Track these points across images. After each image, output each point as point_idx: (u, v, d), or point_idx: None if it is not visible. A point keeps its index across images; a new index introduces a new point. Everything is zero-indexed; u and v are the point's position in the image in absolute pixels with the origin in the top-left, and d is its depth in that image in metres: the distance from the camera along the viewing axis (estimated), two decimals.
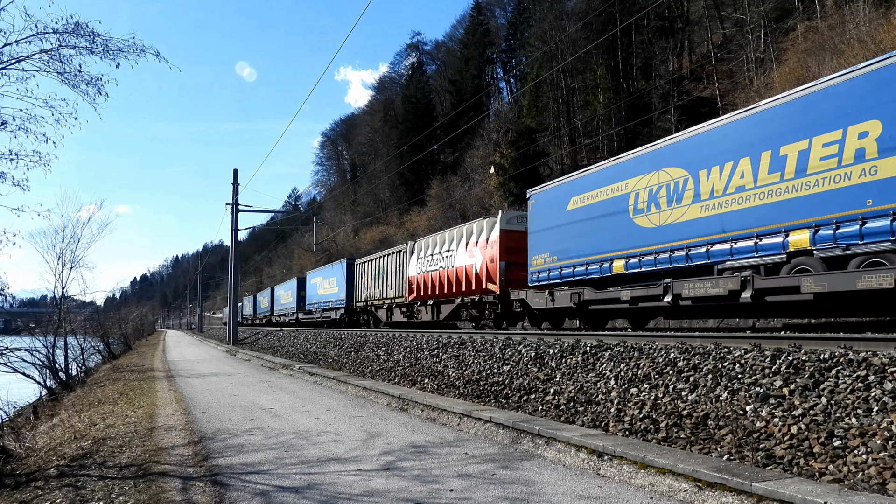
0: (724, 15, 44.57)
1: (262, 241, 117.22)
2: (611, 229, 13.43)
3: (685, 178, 11.64)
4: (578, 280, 14.35)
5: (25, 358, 21.84)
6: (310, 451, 7.26)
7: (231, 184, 35.99)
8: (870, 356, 5.82)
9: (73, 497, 6.15)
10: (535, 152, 45.66)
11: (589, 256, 14.01)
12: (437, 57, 77.73)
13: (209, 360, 25.14)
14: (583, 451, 6.36)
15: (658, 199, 12.25)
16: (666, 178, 12.17)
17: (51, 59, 8.68)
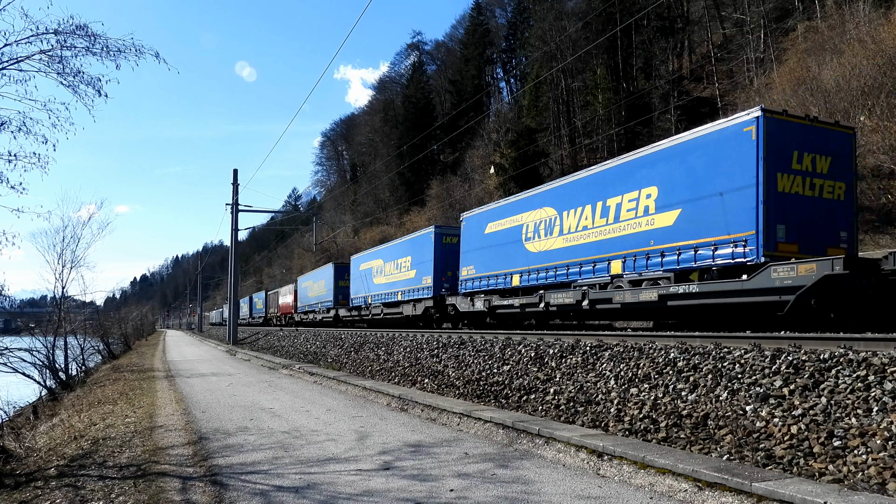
0: (724, 15, 44.58)
1: (262, 241, 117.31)
2: (511, 251, 17.27)
3: (555, 216, 15.52)
4: (490, 290, 18.02)
5: (25, 358, 21.84)
6: (309, 450, 7.25)
7: (231, 184, 36.00)
8: (870, 356, 5.82)
9: (72, 497, 6.15)
10: (535, 152, 45.65)
11: (498, 271, 17.80)
12: (437, 57, 77.77)
13: (209, 360, 25.14)
14: (582, 450, 6.36)
15: (539, 230, 16.08)
16: (544, 215, 16.05)
17: (50, 59, 8.66)
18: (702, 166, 11.21)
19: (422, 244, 22.70)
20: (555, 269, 15.19)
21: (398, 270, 24.73)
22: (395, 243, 26.78)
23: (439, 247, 21.65)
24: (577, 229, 14.43)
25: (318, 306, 37.28)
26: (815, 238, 10.51)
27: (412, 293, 22.94)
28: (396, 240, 27.83)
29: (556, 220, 15.31)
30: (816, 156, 10.66)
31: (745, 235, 10.26)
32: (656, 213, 12.02)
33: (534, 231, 16.15)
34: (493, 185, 47.62)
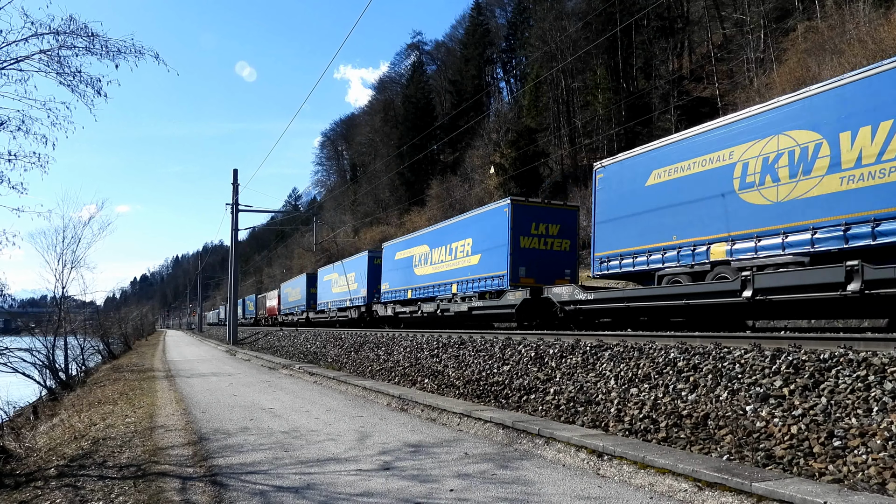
0: (724, 15, 44.58)
1: (262, 241, 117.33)
2: (408, 274, 23.23)
3: (428, 251, 21.90)
4: (396, 300, 24.40)
5: (25, 358, 21.84)
6: (309, 450, 7.25)
7: (231, 184, 36.01)
8: (870, 356, 5.82)
9: (72, 497, 6.15)
10: (535, 152, 45.67)
11: (400, 287, 24.00)
12: (437, 57, 77.79)
13: (209, 360, 25.14)
14: (582, 451, 6.35)
15: (421, 260, 22.38)
16: (424, 250, 22.43)
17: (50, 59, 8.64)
18: (489, 228, 17.90)
19: (360, 264, 29.90)
20: (427, 288, 21.65)
21: (346, 283, 32.08)
22: (344, 262, 33.96)
23: (371, 267, 28.58)
24: (438, 262, 21.10)
25: (295, 309, 44.10)
26: (546, 274, 16.83)
27: (354, 301, 30.64)
28: (346, 259, 34.49)
29: (429, 254, 21.90)
30: (549, 225, 17.26)
31: (503, 273, 17.03)
32: (471, 255, 18.83)
33: (419, 260, 22.74)
34: (493, 185, 47.63)
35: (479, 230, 18.56)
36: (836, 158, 9.38)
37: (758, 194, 10.49)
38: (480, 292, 18.12)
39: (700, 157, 11.67)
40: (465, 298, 18.88)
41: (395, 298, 24.60)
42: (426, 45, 79.33)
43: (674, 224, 12.09)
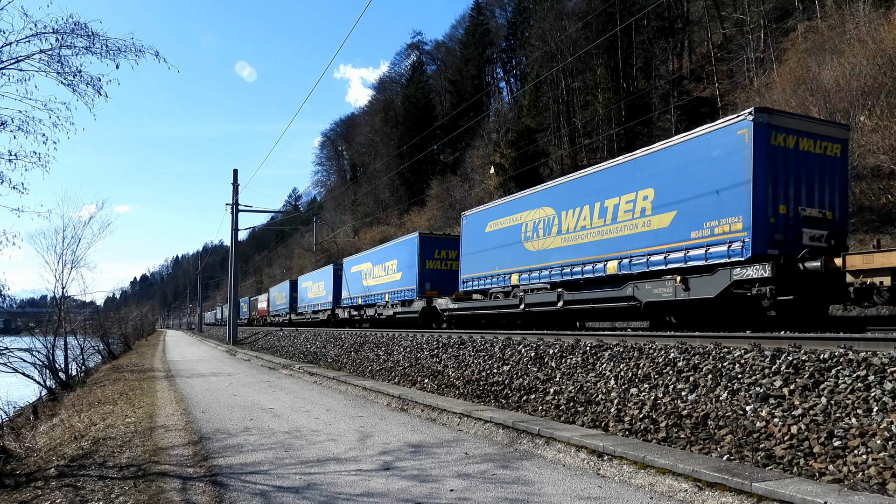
0: (724, 15, 44.57)
1: (262, 241, 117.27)
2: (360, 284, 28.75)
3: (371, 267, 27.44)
4: (351, 305, 30.11)
5: (25, 358, 21.83)
6: (309, 450, 7.25)
7: (231, 184, 36.01)
8: (870, 356, 5.82)
9: (72, 497, 6.15)
10: (535, 152, 45.65)
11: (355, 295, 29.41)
12: (437, 57, 77.76)
13: (209, 360, 25.14)
14: (583, 451, 6.36)
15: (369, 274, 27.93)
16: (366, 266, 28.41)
17: (50, 59, 8.66)
18: (406, 254, 23.20)
19: (328, 274, 35.18)
20: (371, 296, 27.13)
21: (318, 290, 37.82)
22: (315, 272, 40.65)
23: (336, 277, 33.23)
24: (377, 276, 26.37)
25: (281, 311, 48.79)
26: (445, 288, 21.12)
27: (323, 305, 35.84)
28: (317, 270, 41.33)
29: (372, 270, 27.29)
30: (449, 251, 21.92)
31: (414, 287, 22.07)
32: (396, 273, 24.03)
33: (366, 274, 27.95)
34: (493, 185, 47.61)
35: (400, 254, 23.91)
36: (559, 226, 14.78)
37: (531, 244, 15.91)
38: (402, 301, 23.37)
39: (509, 216, 17.10)
40: (393, 305, 24.19)
41: (351, 304, 30.32)
42: (426, 45, 79.35)
43: (496, 259, 17.44)
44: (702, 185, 10.83)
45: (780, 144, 10.16)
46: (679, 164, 11.43)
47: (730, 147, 10.34)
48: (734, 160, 10.26)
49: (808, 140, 10.50)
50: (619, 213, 12.78)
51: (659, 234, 11.67)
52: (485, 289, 17.87)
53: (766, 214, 9.94)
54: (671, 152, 11.68)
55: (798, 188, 10.35)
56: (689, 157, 11.22)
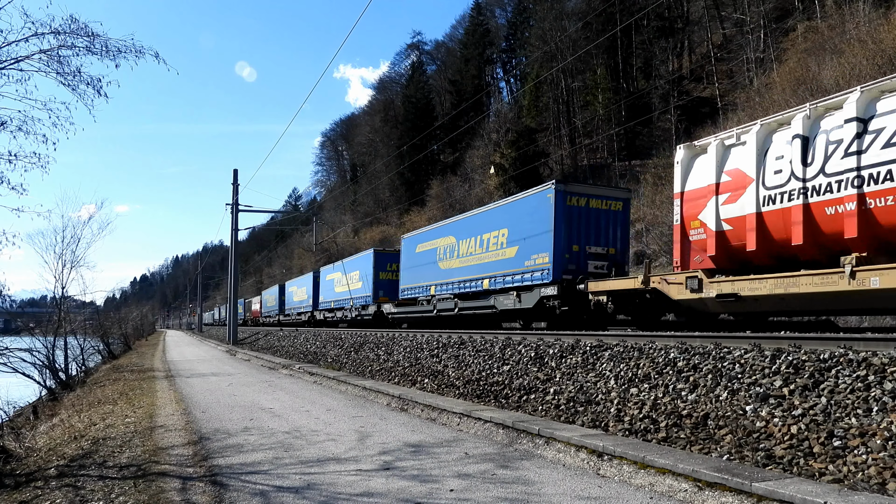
0: (724, 15, 44.57)
1: (262, 241, 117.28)
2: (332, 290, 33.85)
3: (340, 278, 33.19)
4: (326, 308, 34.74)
5: (25, 358, 21.83)
6: (309, 450, 7.25)
7: (231, 184, 36.01)
8: (870, 356, 5.82)
9: (72, 497, 6.15)
10: (535, 152, 45.65)
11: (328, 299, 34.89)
12: (437, 57, 77.77)
13: (209, 360, 25.14)
14: (583, 450, 6.36)
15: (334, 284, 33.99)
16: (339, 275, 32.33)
17: (50, 59, 8.65)
18: (364, 266, 27.87)
19: (308, 280, 39.94)
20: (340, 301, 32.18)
21: (301, 294, 41.91)
22: (300, 278, 45.37)
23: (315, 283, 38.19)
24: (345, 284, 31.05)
25: (272, 312, 53.09)
26: (394, 295, 24.53)
27: (305, 308, 40.61)
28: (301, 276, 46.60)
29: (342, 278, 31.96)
30: (397, 264, 24.83)
31: (370, 294, 26.71)
32: (358, 281, 28.58)
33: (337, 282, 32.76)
34: (493, 185, 47.61)
35: (361, 266, 28.62)
36: (458, 251, 19.19)
37: (442, 264, 20.19)
38: (362, 305, 28.12)
39: (430, 241, 21.57)
40: (355, 309, 29.05)
41: (326, 308, 35.10)
42: (426, 45, 79.38)
43: (422, 274, 21.62)
44: (530, 229, 15.47)
45: (574, 204, 14.87)
46: (520, 213, 16.12)
47: (543, 205, 15.06)
48: (544, 214, 14.94)
49: (596, 200, 15.24)
50: (488, 244, 17.57)
51: (509, 262, 16.38)
52: (415, 297, 22.24)
53: (562, 252, 14.57)
54: (519, 202, 16.49)
55: (588, 233, 14.97)
56: (525, 208, 15.88)
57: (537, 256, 15.11)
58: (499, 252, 16.86)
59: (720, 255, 10.31)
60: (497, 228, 17.06)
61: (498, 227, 17.02)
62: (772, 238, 9.53)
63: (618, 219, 15.41)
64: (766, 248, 9.63)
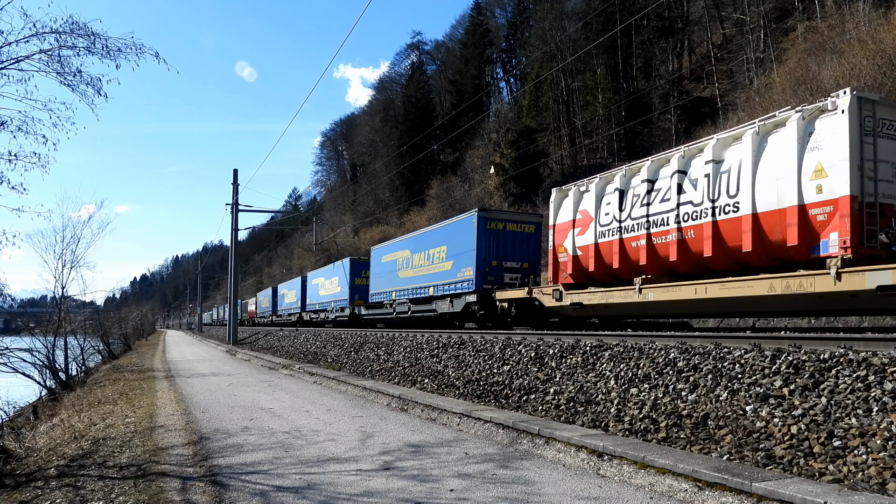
0: (724, 15, 44.57)
1: (262, 241, 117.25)
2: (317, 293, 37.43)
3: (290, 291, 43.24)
4: (312, 310, 38.41)
5: (25, 358, 21.84)
6: (309, 450, 7.25)
7: (231, 184, 36.01)
8: (870, 356, 5.82)
9: (72, 497, 6.15)
10: (535, 152, 45.65)
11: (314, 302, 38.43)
12: (437, 57, 77.74)
13: (209, 360, 25.14)
14: (583, 451, 6.36)
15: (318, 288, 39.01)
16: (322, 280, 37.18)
17: (50, 59, 8.64)
18: (342, 273, 31.66)
19: (297, 284, 43.46)
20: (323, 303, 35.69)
21: (291, 297, 45.40)
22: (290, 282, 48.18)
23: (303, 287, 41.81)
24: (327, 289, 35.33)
25: (266, 313, 56.63)
26: (365, 297, 27.60)
27: (294, 309, 44.05)
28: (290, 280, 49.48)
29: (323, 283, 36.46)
30: (367, 271, 27.68)
31: (347, 298, 30.62)
32: (338, 286, 32.43)
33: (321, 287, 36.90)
34: (493, 185, 47.61)
35: (339, 273, 32.70)
36: (412, 263, 22.29)
37: (401, 273, 23.22)
38: (341, 308, 32.02)
39: (392, 253, 24.79)
40: (336, 311, 32.93)
41: (312, 309, 38.80)
42: (426, 45, 79.35)
43: (386, 281, 24.82)
44: (460, 247, 18.64)
45: (494, 228, 17.92)
46: (455, 233, 19.32)
47: (469, 227, 18.29)
48: (470, 235, 18.09)
49: (512, 224, 18.35)
50: (433, 258, 20.60)
51: (447, 274, 19.44)
52: (381, 301, 25.40)
53: (483, 267, 17.67)
54: (454, 224, 19.79)
55: (505, 251, 17.94)
56: (458, 229, 19.10)
57: (465, 269, 18.38)
58: (440, 265, 20.13)
59: (575, 273, 13.83)
60: (439, 245, 20.33)
61: (440, 244, 20.31)
62: (604, 262, 12.91)
63: (531, 239, 18.39)
64: (601, 269, 13.05)
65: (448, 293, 19.26)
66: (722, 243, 10.41)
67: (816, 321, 14.35)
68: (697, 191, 10.87)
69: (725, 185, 10.41)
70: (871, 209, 8.74)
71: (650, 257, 11.70)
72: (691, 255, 10.99)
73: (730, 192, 10.34)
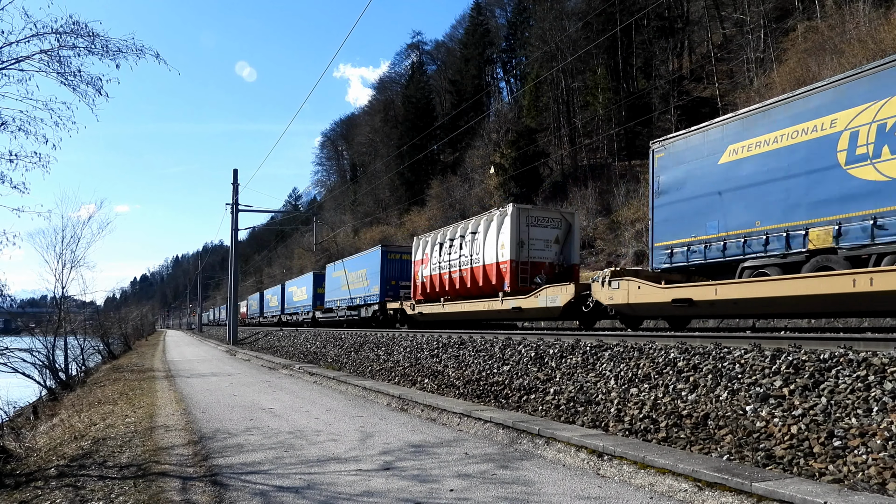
0: (724, 15, 44.56)
1: (262, 241, 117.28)
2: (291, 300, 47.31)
3: None
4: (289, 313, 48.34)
5: (25, 358, 21.81)
6: (309, 450, 7.26)
7: (231, 184, 36.02)
8: (870, 356, 5.82)
9: (72, 497, 6.15)
10: (535, 152, 45.63)
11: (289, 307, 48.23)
12: (437, 57, 77.75)
13: (209, 360, 25.14)
14: (583, 451, 6.36)
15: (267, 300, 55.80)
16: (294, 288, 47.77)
17: (50, 59, 8.64)
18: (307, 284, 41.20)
19: (278, 291, 52.54)
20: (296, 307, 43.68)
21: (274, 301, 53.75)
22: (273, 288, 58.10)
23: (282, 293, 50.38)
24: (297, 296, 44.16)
25: (255, 314, 64.48)
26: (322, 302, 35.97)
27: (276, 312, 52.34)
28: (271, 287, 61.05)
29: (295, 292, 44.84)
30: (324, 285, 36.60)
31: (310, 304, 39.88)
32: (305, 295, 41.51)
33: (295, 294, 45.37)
34: (493, 185, 47.60)
35: (306, 283, 40.79)
36: (349, 280, 31.07)
37: (342, 287, 32.04)
38: (307, 311, 39.16)
39: (338, 271, 32.07)
40: (303, 314, 40.75)
41: (288, 312, 47.14)
42: (426, 45, 79.35)
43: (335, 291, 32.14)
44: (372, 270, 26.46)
45: (393, 258, 26.45)
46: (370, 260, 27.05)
47: (377, 257, 26.19)
48: (376, 263, 26.10)
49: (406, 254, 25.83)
50: (360, 277, 28.30)
51: (366, 289, 27.30)
52: (331, 307, 32.58)
53: (385, 284, 25.58)
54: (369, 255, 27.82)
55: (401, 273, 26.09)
56: (372, 257, 27.05)
57: (374, 287, 26.47)
58: (363, 282, 28.07)
59: (422, 293, 21.86)
60: (364, 268, 28.27)
61: (364, 267, 28.30)
62: (434, 287, 20.96)
63: (408, 264, 24.14)
64: (432, 291, 21.12)
65: (366, 303, 27.33)
66: (475, 280, 18.55)
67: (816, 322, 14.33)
68: (465, 249, 19.24)
69: (477, 247, 18.53)
70: (524, 266, 17.00)
71: (450, 285, 20.02)
72: (465, 285, 19.13)
73: (477, 251, 18.51)
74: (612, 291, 12.71)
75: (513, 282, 16.67)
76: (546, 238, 17.34)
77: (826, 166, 9.84)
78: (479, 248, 18.08)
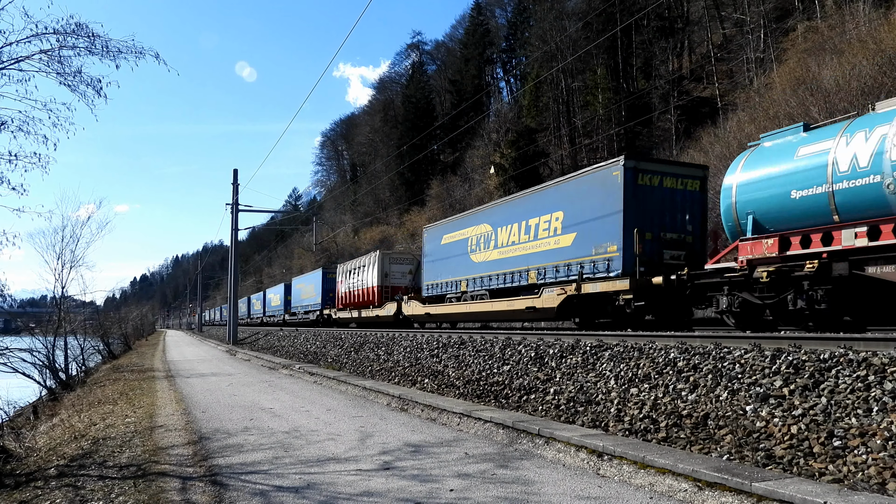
0: (724, 15, 44.56)
1: (262, 241, 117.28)
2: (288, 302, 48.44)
3: None
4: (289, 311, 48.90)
5: (25, 358, 21.81)
6: (309, 450, 7.26)
7: (231, 184, 36.01)
8: (870, 356, 5.82)
9: (72, 497, 6.15)
10: (535, 152, 45.63)
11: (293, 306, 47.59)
12: (437, 57, 77.75)
13: (209, 360, 25.14)
14: (583, 450, 6.36)
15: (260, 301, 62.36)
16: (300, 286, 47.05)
17: (50, 59, 8.63)
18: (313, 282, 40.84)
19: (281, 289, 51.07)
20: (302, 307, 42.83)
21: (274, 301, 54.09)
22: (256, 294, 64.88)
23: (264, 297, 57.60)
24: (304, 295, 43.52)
25: (254, 314, 65.24)
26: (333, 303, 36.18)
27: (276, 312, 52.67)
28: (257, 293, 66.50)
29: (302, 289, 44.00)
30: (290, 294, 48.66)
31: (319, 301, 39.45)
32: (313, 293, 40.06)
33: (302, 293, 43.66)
34: (493, 185, 47.58)
35: (314, 281, 39.97)
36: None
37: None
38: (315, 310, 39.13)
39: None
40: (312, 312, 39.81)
41: (291, 310, 46.97)
42: (426, 45, 79.34)
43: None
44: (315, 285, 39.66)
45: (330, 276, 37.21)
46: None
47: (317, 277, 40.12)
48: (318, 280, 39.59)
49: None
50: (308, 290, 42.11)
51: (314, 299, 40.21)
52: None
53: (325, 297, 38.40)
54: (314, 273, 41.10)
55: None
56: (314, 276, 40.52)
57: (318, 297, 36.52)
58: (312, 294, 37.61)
59: (343, 302, 31.81)
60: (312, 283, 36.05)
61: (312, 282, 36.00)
62: (349, 298, 30.73)
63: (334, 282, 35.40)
64: (348, 301, 31.09)
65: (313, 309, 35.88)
66: (363, 295, 28.43)
67: None
68: (359, 276, 29.08)
69: (364, 275, 28.66)
70: (387, 288, 27.02)
71: (351, 298, 30.02)
72: (359, 298, 28.78)
73: (364, 278, 28.56)
74: (406, 307, 24.30)
75: (379, 299, 27.25)
76: (402, 271, 27.63)
77: (465, 252, 20.11)
78: (367, 276, 28.53)
